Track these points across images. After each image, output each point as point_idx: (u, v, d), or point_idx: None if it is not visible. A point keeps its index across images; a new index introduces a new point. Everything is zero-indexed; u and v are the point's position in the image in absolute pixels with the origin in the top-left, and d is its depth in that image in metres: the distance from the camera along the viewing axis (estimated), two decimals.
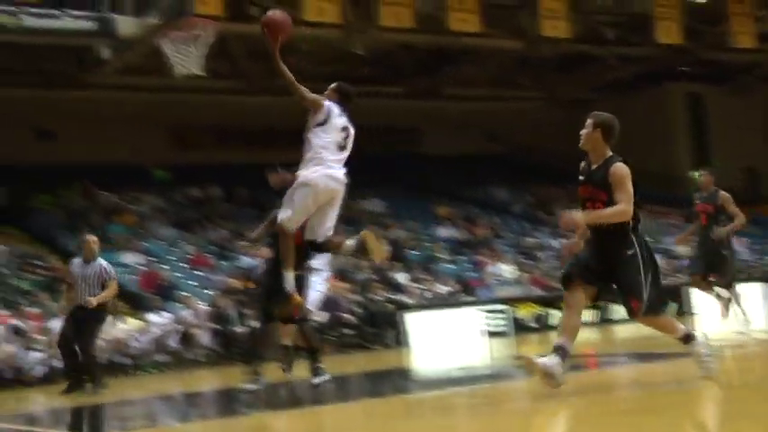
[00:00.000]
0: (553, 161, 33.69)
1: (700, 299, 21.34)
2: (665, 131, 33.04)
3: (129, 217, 23.52)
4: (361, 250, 8.59)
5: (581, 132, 7.16)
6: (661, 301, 7.16)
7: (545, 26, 23.52)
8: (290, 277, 8.48)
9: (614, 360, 11.86)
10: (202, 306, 18.33)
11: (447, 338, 18.66)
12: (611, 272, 6.98)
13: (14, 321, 16.59)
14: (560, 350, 6.95)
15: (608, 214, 6.88)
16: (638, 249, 6.89)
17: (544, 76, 32.28)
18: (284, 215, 8.42)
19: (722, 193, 12.12)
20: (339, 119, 8.42)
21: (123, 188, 25.23)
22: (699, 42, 27.98)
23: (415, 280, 21.68)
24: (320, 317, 18.49)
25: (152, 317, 17.82)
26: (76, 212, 23.49)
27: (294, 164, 8.61)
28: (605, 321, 20.80)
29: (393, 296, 20.32)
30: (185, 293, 19.14)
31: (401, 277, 21.60)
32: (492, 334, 19.26)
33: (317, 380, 9.29)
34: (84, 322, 11.84)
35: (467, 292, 21.95)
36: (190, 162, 27.99)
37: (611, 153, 7.13)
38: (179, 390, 13.24)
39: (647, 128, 31.28)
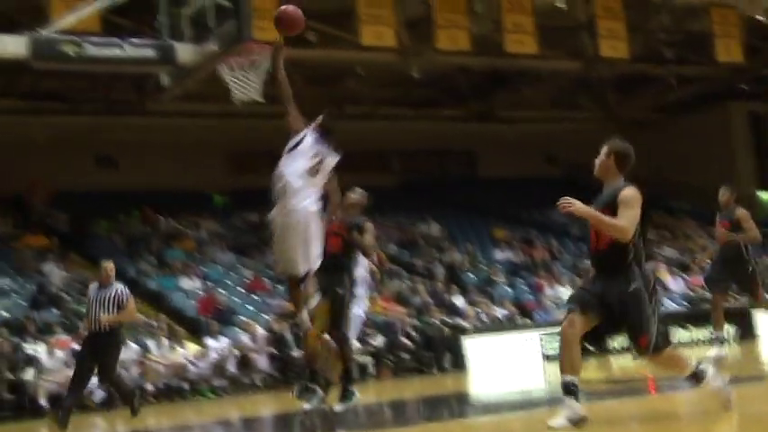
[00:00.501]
0: None
1: (764, 322, 20.94)
2: (727, 151, 32.51)
3: (188, 242, 23.68)
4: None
5: (595, 160, 7.01)
6: (666, 336, 6.90)
7: (603, 46, 23.29)
8: (301, 318, 8.48)
9: (673, 384, 11.58)
10: (260, 330, 18.34)
11: (504, 362, 18.46)
12: (614, 308, 6.65)
13: (75, 346, 16.71)
14: (570, 388, 6.67)
15: (607, 222, 6.61)
16: (641, 283, 6.58)
17: (603, 97, 31.98)
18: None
19: (740, 209, 12.05)
20: (312, 147, 8.31)
21: (182, 213, 25.44)
22: (760, 60, 27.54)
23: (472, 303, 21.51)
24: (376, 341, 18.43)
25: (210, 342, 17.87)
26: (136, 238, 23.71)
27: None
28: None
29: (450, 320, 20.17)
30: (243, 318, 19.19)
31: (458, 301, 21.45)
32: (549, 357, 19.01)
33: (339, 406, 9.31)
34: (100, 348, 11.58)
35: (524, 315, 21.73)
36: (247, 187, 28.10)
37: (624, 182, 6.89)
38: (237, 415, 13.22)
39: (708, 148, 30.85)
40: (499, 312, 21.30)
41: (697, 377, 6.79)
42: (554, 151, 33.87)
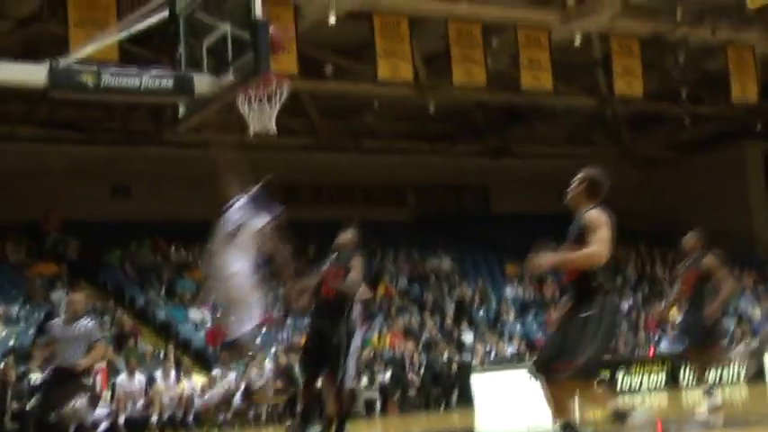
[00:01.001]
0: (625, 220, 33.23)
1: None
2: (741, 191, 32.40)
3: (199, 273, 23.65)
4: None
5: (568, 190, 6.84)
6: (592, 371, 6.55)
7: (618, 84, 23.31)
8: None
9: (682, 428, 11.48)
10: (268, 363, 18.27)
11: (513, 399, 18.33)
12: (561, 327, 6.47)
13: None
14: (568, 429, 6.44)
15: (575, 258, 6.38)
16: (597, 312, 6.30)
17: (617, 135, 31.98)
18: None
19: (708, 256, 11.15)
20: (236, 212, 8.42)
21: (193, 244, 25.43)
22: None
23: (481, 339, 21.39)
24: (383, 376, 18.31)
25: (217, 373, 17.80)
26: (147, 268, 23.70)
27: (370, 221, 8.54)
28: (674, 385, 20.37)
29: (459, 356, 20.06)
30: (250, 350, 19.11)
31: (467, 336, 21.34)
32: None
33: None
34: (61, 387, 10.69)
35: (533, 351, 21.60)
36: None
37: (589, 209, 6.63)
38: None
39: (722, 187, 30.76)
40: (508, 349, 21.17)
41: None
42: (568, 188, 33.82)
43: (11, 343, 18.45)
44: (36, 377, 16.58)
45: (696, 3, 21.89)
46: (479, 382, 19.07)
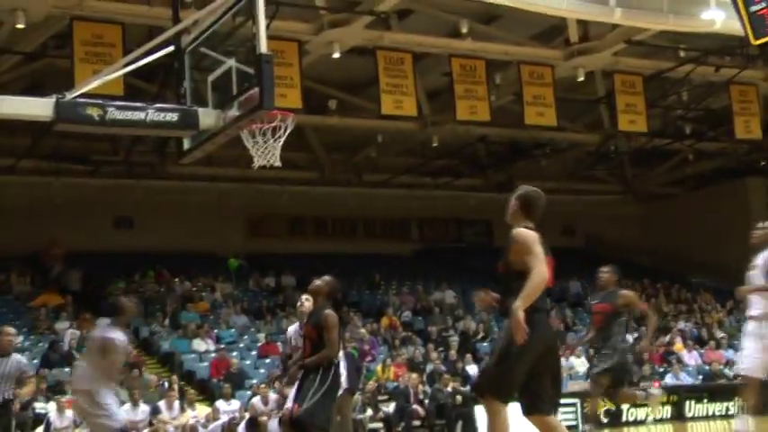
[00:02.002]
0: (629, 254, 33.30)
1: None
2: (745, 226, 32.31)
3: (202, 304, 23.72)
4: None
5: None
6: (508, 391, 6.32)
7: (622, 120, 23.43)
8: None
9: None
10: (272, 394, 18.27)
11: (517, 431, 18.31)
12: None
13: None
14: None
15: (529, 289, 6.19)
16: (509, 331, 6.16)
17: (621, 170, 32.12)
18: None
19: (624, 291, 11.02)
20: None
21: (197, 275, 25.55)
22: None
23: None
24: (387, 407, 18.31)
25: (221, 404, 17.81)
26: (150, 299, 23.78)
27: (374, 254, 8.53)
28: (680, 418, 20.37)
29: (463, 387, 20.06)
30: (254, 381, 19.14)
31: (471, 369, 21.35)
32: None
33: None
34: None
35: None
36: (264, 251, 28.30)
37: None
38: None
39: (728, 222, 30.76)
40: None
41: None
42: (571, 223, 33.92)
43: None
44: (42, 407, 16.63)
45: (699, 40, 22.06)
46: (484, 414, 19.06)
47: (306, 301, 10.03)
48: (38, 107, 9.88)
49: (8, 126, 21.97)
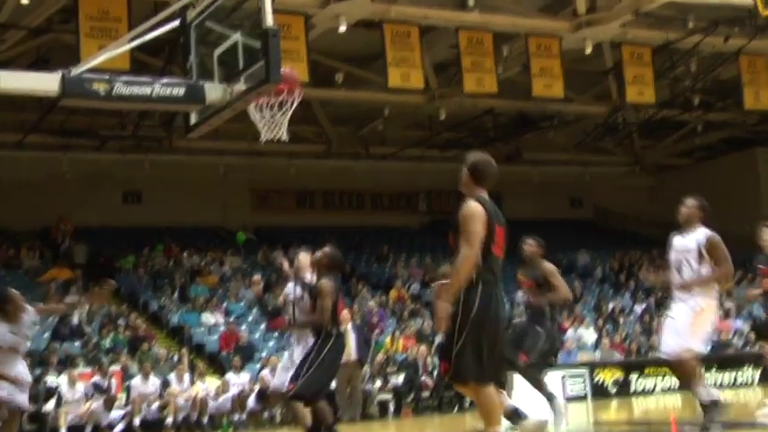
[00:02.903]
0: (638, 226, 33.30)
1: None
2: (753, 196, 32.39)
3: (211, 278, 23.81)
4: None
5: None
6: (483, 374, 6.11)
7: (630, 91, 23.35)
8: None
9: (697, 428, 11.49)
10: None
11: (525, 401, 18.38)
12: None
13: (97, 379, 16.84)
14: None
15: (455, 275, 6.08)
16: (460, 308, 6.05)
17: (629, 142, 32.04)
18: None
19: (545, 264, 10.49)
20: None
21: (206, 249, 25.64)
22: None
23: None
24: (396, 379, 18.42)
25: (231, 376, 17.93)
26: (160, 273, 23.89)
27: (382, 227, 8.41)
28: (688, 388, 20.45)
29: None
30: (263, 354, 19.25)
31: None
32: (571, 398, 18.94)
33: None
34: None
35: None
36: (271, 224, 28.38)
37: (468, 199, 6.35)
38: None
39: (734, 193, 30.74)
40: None
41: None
42: (579, 194, 33.92)
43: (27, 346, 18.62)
44: (53, 380, 16.79)
45: (708, 11, 21.93)
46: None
47: (302, 257, 9.91)
48: (44, 82, 9.90)
49: (15, 101, 22.09)
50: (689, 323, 8.63)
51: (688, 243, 8.83)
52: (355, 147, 28.81)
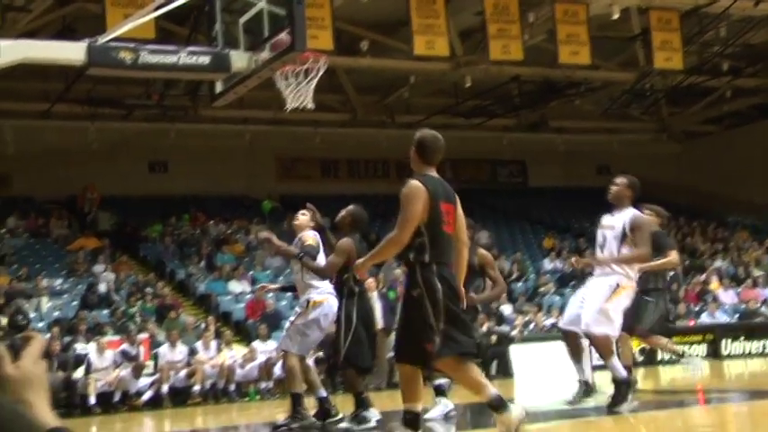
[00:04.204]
0: (665, 193, 33.06)
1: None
2: None
3: (237, 246, 23.90)
4: None
5: None
6: (462, 347, 6.07)
7: (658, 58, 23.11)
8: None
9: (724, 396, 11.48)
10: None
11: (551, 370, 18.40)
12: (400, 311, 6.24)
13: (125, 346, 16.98)
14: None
15: (379, 251, 6.08)
16: (423, 289, 5.97)
17: (656, 109, 31.76)
18: None
19: (481, 251, 9.65)
20: None
21: (232, 218, 25.73)
22: None
23: (520, 312, 21.47)
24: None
25: (258, 344, 18.02)
26: (186, 242, 24.01)
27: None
28: (715, 356, 20.39)
29: (497, 327, 20.15)
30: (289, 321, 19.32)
31: (506, 309, 21.42)
32: (596, 367, 18.91)
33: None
34: None
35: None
36: (297, 193, 28.40)
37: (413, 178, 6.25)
38: (283, 417, 13.30)
39: (764, 160, 30.47)
40: (547, 321, 21.23)
41: (497, 405, 6.18)
42: (606, 162, 33.70)
43: (55, 315, 18.84)
44: (82, 348, 16.94)
45: None
46: (518, 354, 19.17)
47: (301, 216, 9.76)
48: (70, 51, 9.92)
49: (41, 71, 22.14)
50: (605, 299, 8.69)
51: (615, 222, 8.88)
52: (380, 115, 28.72)
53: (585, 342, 9.47)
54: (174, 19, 19.54)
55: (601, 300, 8.68)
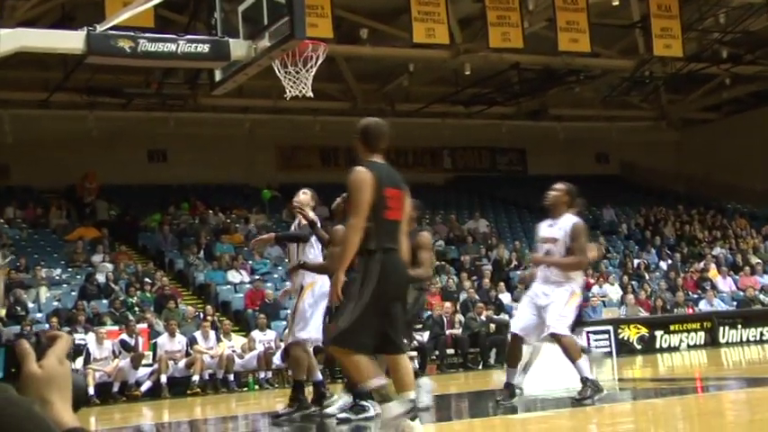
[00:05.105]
0: (664, 181, 33.06)
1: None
2: None
3: (237, 236, 23.88)
4: None
5: None
6: (359, 339, 5.94)
7: (658, 45, 23.07)
8: None
9: (722, 384, 11.49)
10: None
11: (549, 358, 18.41)
12: None
13: (124, 336, 16.97)
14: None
15: (345, 245, 6.01)
16: (360, 278, 5.93)
17: (656, 96, 31.73)
18: None
19: (421, 234, 9.41)
20: None
21: (231, 207, 25.70)
22: None
23: (518, 300, 21.47)
24: (421, 337, 18.48)
25: (257, 334, 18.02)
26: (185, 231, 23.98)
27: (406, 183, 8.06)
28: (713, 344, 20.44)
29: (496, 316, 20.17)
30: (288, 311, 19.31)
31: (505, 297, 21.43)
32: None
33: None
34: None
35: None
36: (296, 181, 28.35)
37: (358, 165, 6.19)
38: (281, 407, 13.31)
39: (763, 148, 30.45)
40: None
41: (379, 396, 6.06)
42: (605, 150, 33.69)
43: (54, 305, 18.83)
44: (81, 338, 16.93)
45: None
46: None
47: (302, 194, 9.75)
48: (69, 40, 9.88)
49: (40, 60, 22.10)
50: (565, 303, 8.81)
51: (555, 233, 8.85)
52: (380, 103, 28.66)
53: (527, 349, 9.57)
54: (172, 7, 19.51)
55: (563, 303, 8.77)
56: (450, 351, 19.28)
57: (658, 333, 20.61)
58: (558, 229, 8.87)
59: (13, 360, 1.71)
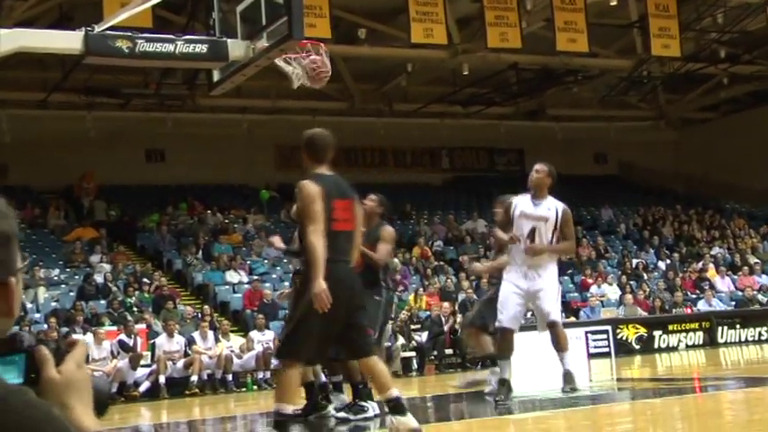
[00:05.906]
0: (662, 181, 33.07)
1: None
2: None
3: (235, 236, 23.87)
4: None
5: None
6: (298, 352, 5.97)
7: (656, 45, 23.08)
8: None
9: (720, 384, 11.49)
10: None
11: (548, 359, 18.43)
12: None
13: (122, 337, 16.97)
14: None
15: (312, 266, 5.91)
16: (308, 290, 5.91)
17: (654, 96, 31.74)
18: None
19: (384, 227, 9.08)
20: None
21: (229, 207, 25.70)
22: None
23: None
24: (420, 337, 18.50)
25: (255, 334, 18.01)
26: (183, 231, 23.97)
27: (404, 184, 8.21)
28: (712, 344, 20.46)
29: None
30: (287, 312, 19.31)
31: None
32: (594, 355, 18.96)
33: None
34: None
35: (569, 312, 21.64)
36: (295, 182, 28.25)
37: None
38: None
39: (763, 147, 30.46)
40: None
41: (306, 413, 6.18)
42: (603, 150, 33.70)
43: (52, 305, 18.82)
44: (79, 338, 16.92)
45: None
46: (516, 342, 19.18)
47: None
48: (67, 40, 9.88)
49: (38, 60, 22.09)
50: (557, 290, 8.95)
51: (543, 212, 8.82)
52: (378, 103, 28.68)
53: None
54: (171, 7, 19.49)
55: (555, 289, 8.81)
56: (449, 351, 19.28)
57: (657, 333, 20.62)
58: (546, 209, 8.90)
59: (33, 366, 1.75)
